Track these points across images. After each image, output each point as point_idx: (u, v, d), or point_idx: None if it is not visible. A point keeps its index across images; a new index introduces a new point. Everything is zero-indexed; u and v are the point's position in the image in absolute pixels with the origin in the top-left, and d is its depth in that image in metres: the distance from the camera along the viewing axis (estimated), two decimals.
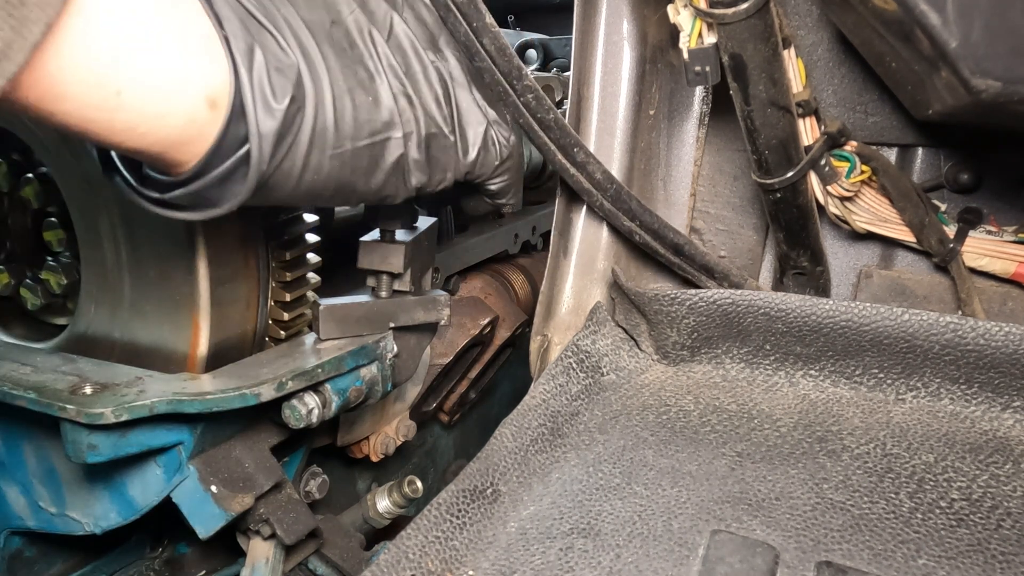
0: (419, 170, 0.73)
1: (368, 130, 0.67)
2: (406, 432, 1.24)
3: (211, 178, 0.59)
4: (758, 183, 0.97)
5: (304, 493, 1.04)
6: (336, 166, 0.65)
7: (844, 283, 1.12)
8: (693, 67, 0.85)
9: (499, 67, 0.81)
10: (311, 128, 0.61)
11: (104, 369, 0.84)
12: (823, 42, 1.01)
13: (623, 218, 0.96)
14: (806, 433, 0.83)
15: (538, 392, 0.89)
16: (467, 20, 0.78)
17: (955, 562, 0.64)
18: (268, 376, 0.80)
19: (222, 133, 0.57)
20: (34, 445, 0.92)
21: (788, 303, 0.89)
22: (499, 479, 0.76)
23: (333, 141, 0.64)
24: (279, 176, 0.61)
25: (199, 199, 0.61)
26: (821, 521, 0.69)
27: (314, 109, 0.61)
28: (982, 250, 0.99)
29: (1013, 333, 0.79)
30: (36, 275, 1.00)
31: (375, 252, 0.90)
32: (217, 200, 0.61)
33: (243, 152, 0.58)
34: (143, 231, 0.86)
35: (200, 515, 0.83)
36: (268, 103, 0.58)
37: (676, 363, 0.98)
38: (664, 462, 0.79)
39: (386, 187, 0.72)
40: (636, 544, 0.68)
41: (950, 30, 0.67)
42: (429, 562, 0.66)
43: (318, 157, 0.63)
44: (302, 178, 0.63)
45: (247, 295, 0.91)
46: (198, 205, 0.62)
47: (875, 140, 1.04)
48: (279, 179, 0.62)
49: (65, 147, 0.87)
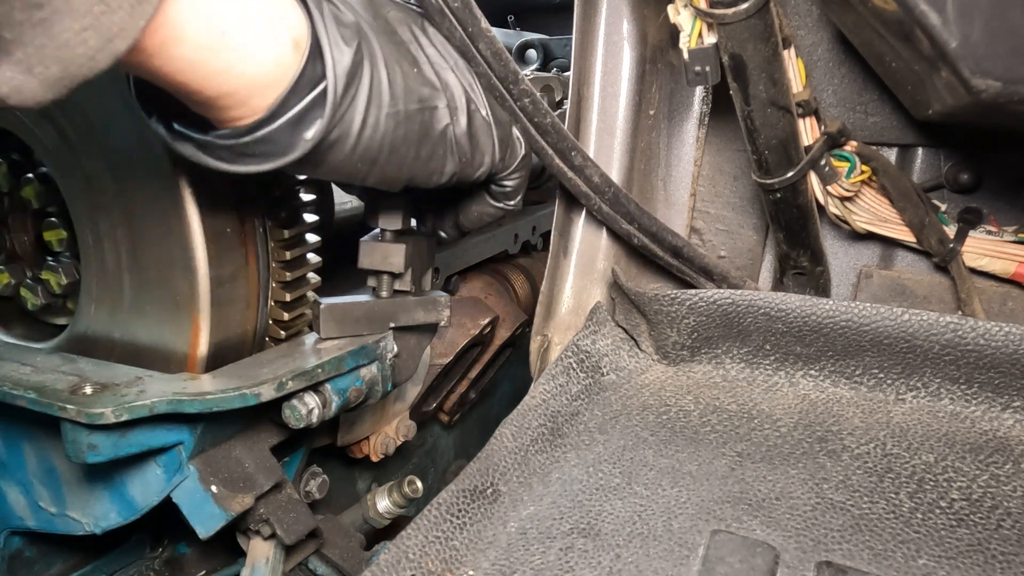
0: (462, 147, 0.78)
1: (417, 96, 0.71)
2: (406, 432, 1.24)
3: (287, 120, 0.62)
4: (758, 183, 0.97)
5: (304, 493, 1.04)
6: (391, 127, 0.69)
7: (844, 283, 1.12)
8: (693, 67, 0.85)
9: (495, 72, 0.81)
10: (369, 83, 0.66)
11: (104, 369, 0.84)
12: (823, 42, 1.01)
13: (622, 221, 0.96)
14: (806, 433, 0.83)
15: (538, 392, 0.89)
16: (462, 25, 0.78)
17: (955, 562, 0.64)
18: (268, 376, 0.80)
19: (300, 73, 0.61)
20: (34, 445, 0.92)
21: (788, 303, 0.89)
22: (499, 479, 0.77)
23: (388, 100, 0.68)
24: (342, 128, 0.65)
25: (269, 145, 0.64)
26: (821, 521, 0.69)
27: (371, 67, 0.66)
28: (982, 250, 0.99)
29: (1013, 333, 0.79)
30: (36, 275, 1.00)
31: (376, 252, 0.90)
32: (286, 147, 0.64)
33: (318, 91, 0.62)
34: (143, 231, 0.86)
35: (200, 515, 0.83)
36: (339, 45, 0.63)
37: (676, 363, 0.98)
38: (664, 462, 0.79)
39: (433, 160, 0.75)
40: (636, 544, 0.68)
41: (950, 30, 0.67)
42: (429, 562, 0.66)
43: (375, 113, 0.67)
44: (361, 135, 0.67)
45: (247, 295, 0.91)
46: (267, 154, 0.64)
47: (875, 140, 1.04)
48: (342, 132, 0.66)
49: (65, 147, 0.87)
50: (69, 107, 0.85)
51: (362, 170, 0.71)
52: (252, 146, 0.63)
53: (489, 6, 0.82)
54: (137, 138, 0.82)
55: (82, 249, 0.91)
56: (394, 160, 0.72)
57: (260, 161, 0.65)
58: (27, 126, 0.89)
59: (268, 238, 0.93)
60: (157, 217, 0.84)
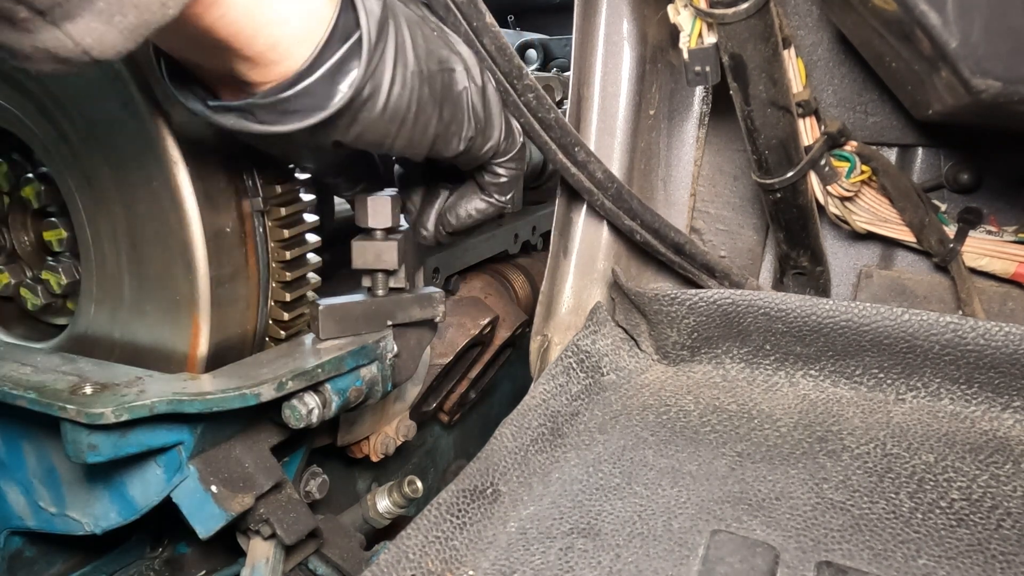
0: (478, 113, 0.80)
1: (437, 57, 0.75)
2: (406, 432, 1.24)
3: (325, 70, 0.65)
4: (758, 183, 0.97)
5: (304, 493, 1.04)
6: (416, 85, 0.72)
7: (844, 283, 1.12)
8: (693, 67, 0.85)
9: (500, 67, 0.82)
10: (395, 41, 0.69)
11: (104, 369, 0.84)
12: (823, 42, 1.01)
13: (624, 217, 0.96)
14: (806, 433, 0.83)
15: (538, 392, 0.89)
16: (467, 20, 0.78)
17: (955, 562, 0.64)
18: (268, 376, 0.80)
19: (335, 23, 0.64)
20: (34, 445, 0.92)
21: (788, 303, 0.89)
22: (499, 479, 0.77)
23: (412, 59, 0.71)
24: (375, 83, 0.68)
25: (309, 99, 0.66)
26: (821, 521, 0.69)
27: (395, 26, 0.69)
28: (982, 250, 0.99)
29: (1013, 333, 0.79)
30: (36, 275, 1.00)
31: (368, 251, 0.90)
32: (325, 99, 0.66)
33: (353, 40, 0.65)
34: (143, 231, 0.86)
35: (200, 515, 0.83)
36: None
37: (676, 363, 0.98)
38: (664, 462, 0.79)
39: (454, 123, 0.78)
40: (636, 544, 0.68)
41: (950, 30, 0.67)
42: (429, 562, 0.66)
43: (402, 72, 0.70)
44: (391, 91, 0.70)
45: (247, 295, 0.91)
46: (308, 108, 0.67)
47: (875, 140, 1.04)
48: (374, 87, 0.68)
49: (65, 147, 0.87)
50: (69, 107, 0.85)
51: (391, 130, 0.73)
52: (294, 101, 0.66)
53: (489, 6, 0.82)
54: (137, 137, 0.82)
55: (82, 249, 0.91)
56: (420, 120, 0.74)
57: (302, 117, 0.67)
58: (27, 126, 0.89)
59: (268, 238, 0.93)
60: (157, 217, 0.84)
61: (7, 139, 0.95)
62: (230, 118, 0.69)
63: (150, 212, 0.84)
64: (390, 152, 0.78)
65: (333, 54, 0.65)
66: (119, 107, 0.81)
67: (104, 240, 0.89)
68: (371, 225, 0.90)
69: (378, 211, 0.89)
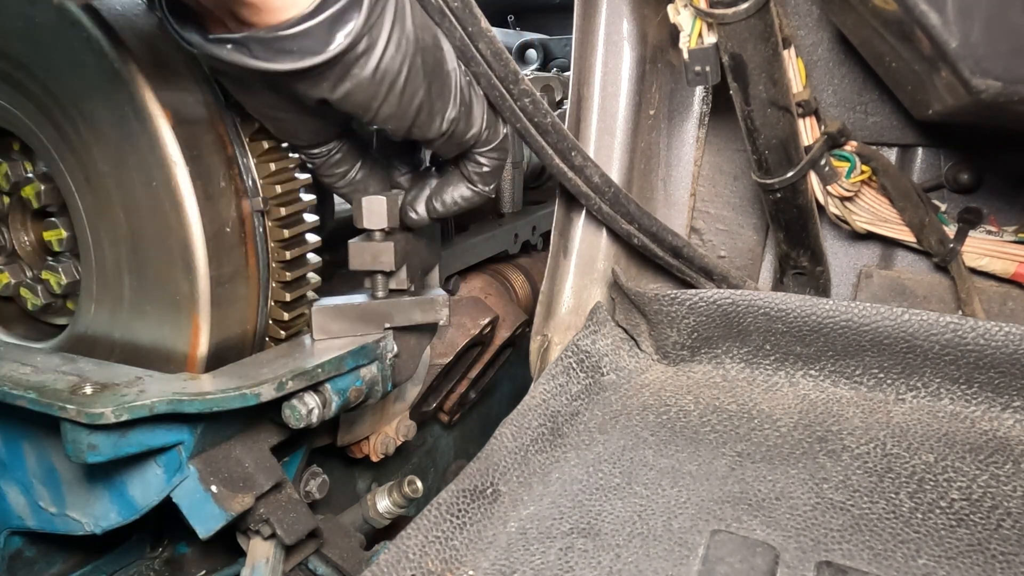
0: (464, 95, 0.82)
1: (431, 32, 0.78)
2: (406, 432, 1.24)
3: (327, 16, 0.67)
4: (758, 183, 0.97)
5: (304, 493, 1.04)
6: (411, 52, 0.74)
7: (844, 283, 1.12)
8: (693, 67, 0.85)
9: (495, 72, 0.81)
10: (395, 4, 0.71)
11: (104, 369, 0.84)
12: (823, 42, 1.01)
13: (622, 221, 0.96)
14: (806, 433, 0.83)
15: (538, 392, 0.89)
16: (462, 25, 0.78)
17: (955, 562, 0.64)
18: (268, 376, 0.80)
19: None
20: (34, 445, 0.92)
21: (788, 303, 0.89)
22: (499, 479, 0.77)
23: (410, 25, 0.73)
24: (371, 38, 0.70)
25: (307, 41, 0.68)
26: (821, 521, 0.69)
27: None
28: (982, 250, 0.99)
29: (1013, 333, 0.79)
30: (36, 275, 1.00)
31: (364, 252, 0.89)
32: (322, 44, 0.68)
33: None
34: (143, 231, 0.86)
35: (200, 515, 0.83)
36: None
37: (676, 363, 0.98)
38: (664, 462, 0.79)
39: (440, 99, 0.79)
40: (636, 544, 0.68)
41: (950, 30, 0.67)
42: (429, 562, 0.66)
43: (399, 34, 0.72)
44: (386, 50, 0.71)
45: (247, 295, 0.91)
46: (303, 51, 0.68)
47: (875, 140, 1.04)
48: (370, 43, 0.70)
49: (65, 147, 0.87)
50: (69, 107, 0.85)
51: (380, 93, 0.74)
52: (291, 40, 0.68)
53: (489, 6, 0.82)
54: (137, 137, 0.82)
55: (82, 249, 0.91)
56: (408, 89, 0.76)
57: (296, 58, 0.68)
58: (27, 126, 0.89)
59: (268, 238, 0.93)
60: (157, 217, 0.84)
61: (7, 139, 0.95)
62: (224, 50, 0.70)
63: (150, 212, 0.84)
64: (373, 121, 0.78)
65: (336, 2, 0.67)
66: (119, 107, 0.81)
67: (104, 240, 0.89)
68: (367, 226, 0.89)
69: (374, 212, 0.88)
